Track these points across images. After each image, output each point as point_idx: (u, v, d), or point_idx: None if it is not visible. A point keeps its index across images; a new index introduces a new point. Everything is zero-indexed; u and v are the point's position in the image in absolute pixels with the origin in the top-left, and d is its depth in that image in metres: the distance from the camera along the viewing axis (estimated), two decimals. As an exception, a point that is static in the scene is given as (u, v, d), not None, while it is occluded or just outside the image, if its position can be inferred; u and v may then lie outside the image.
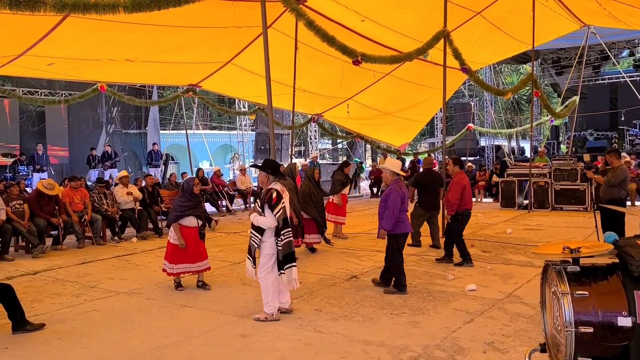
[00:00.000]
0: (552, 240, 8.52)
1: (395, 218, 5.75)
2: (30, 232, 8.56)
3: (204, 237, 6.25)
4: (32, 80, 16.13)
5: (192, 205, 6.09)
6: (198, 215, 6.15)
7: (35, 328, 4.85)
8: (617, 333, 2.77)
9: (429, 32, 9.55)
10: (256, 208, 5.06)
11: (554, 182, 12.89)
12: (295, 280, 5.00)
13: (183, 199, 6.12)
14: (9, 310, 4.81)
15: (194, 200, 6.12)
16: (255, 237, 4.94)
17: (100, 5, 5.13)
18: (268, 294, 4.98)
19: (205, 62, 11.72)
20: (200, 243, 6.18)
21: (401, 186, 5.90)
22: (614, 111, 21.72)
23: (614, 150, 8.14)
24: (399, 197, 5.75)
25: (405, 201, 5.86)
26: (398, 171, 5.96)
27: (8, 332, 4.79)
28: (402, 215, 5.85)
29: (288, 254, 4.94)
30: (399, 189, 5.82)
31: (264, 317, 4.99)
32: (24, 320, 4.85)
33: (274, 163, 5.18)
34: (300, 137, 26.79)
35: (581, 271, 2.96)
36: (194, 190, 6.11)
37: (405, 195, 5.88)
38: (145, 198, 10.50)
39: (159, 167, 17.14)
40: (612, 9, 11.14)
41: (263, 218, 4.89)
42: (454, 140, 19.97)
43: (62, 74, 11.73)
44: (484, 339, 4.36)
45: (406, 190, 6.03)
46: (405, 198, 5.85)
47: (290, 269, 4.95)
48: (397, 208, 5.73)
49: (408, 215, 6.14)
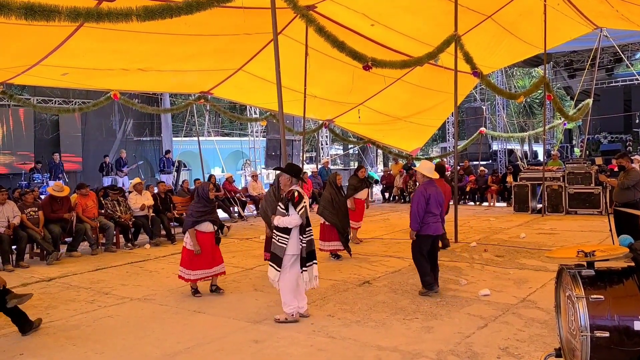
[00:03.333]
0: (567, 244, 8.43)
1: (419, 218, 5.79)
2: (45, 239, 8.65)
3: (219, 242, 6.29)
4: (46, 89, 16.33)
5: (208, 210, 6.15)
6: (213, 220, 6.19)
7: (38, 325, 5.04)
8: (634, 337, 2.73)
9: (440, 36, 9.53)
10: (279, 211, 5.12)
11: (568, 185, 12.76)
12: (316, 277, 5.11)
13: (198, 204, 6.16)
14: (10, 317, 4.90)
15: (209, 206, 6.18)
16: (283, 238, 5.01)
17: (114, 14, 5.20)
18: (286, 293, 5.06)
19: (216, 69, 11.81)
20: (216, 248, 6.22)
21: (427, 187, 5.90)
22: (628, 114, 21.46)
23: (624, 153, 8.07)
24: (423, 198, 5.80)
25: (432, 202, 5.81)
26: (428, 174, 5.96)
27: (21, 338, 4.85)
28: (428, 217, 5.83)
29: (311, 251, 5.09)
30: (425, 191, 5.85)
31: (284, 318, 5.07)
32: (29, 321, 4.95)
33: (295, 167, 5.39)
34: (312, 142, 26.85)
35: (596, 275, 2.94)
36: (209, 195, 6.16)
37: (432, 196, 5.83)
38: (157, 205, 10.57)
39: (171, 174, 17.26)
40: (625, 10, 11.03)
41: (288, 217, 4.99)
42: (466, 144, 19.87)
43: (76, 83, 11.91)
44: (499, 344, 4.32)
45: (437, 191, 5.94)
46: (432, 199, 5.81)
47: (312, 267, 5.08)
48: (421, 209, 5.78)
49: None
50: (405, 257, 7.94)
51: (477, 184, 16.40)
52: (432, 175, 5.97)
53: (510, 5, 10.59)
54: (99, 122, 18.26)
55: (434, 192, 5.90)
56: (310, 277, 5.06)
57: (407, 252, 8.30)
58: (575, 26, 12.62)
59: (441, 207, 5.97)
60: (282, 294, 5.09)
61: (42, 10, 4.68)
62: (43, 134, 16.85)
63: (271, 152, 19.77)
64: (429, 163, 6.57)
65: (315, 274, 5.10)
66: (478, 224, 11.51)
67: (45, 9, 4.70)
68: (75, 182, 14.60)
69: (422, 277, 5.88)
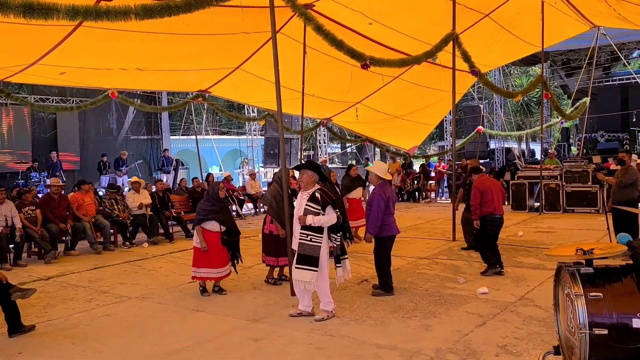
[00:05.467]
0: (564, 243, 8.45)
1: (380, 221, 5.79)
2: (43, 238, 8.64)
3: (225, 243, 6.18)
4: (43, 88, 16.27)
5: (217, 209, 6.13)
6: (221, 220, 6.15)
7: (29, 329, 4.98)
8: (632, 335, 2.75)
9: (438, 34, 9.54)
10: (310, 210, 4.98)
11: (565, 184, 12.80)
12: (348, 271, 5.32)
13: (207, 202, 6.16)
14: (6, 312, 4.90)
15: (218, 205, 6.16)
16: (318, 238, 4.99)
17: (112, 12, 5.19)
18: (326, 293, 5.16)
19: (214, 68, 11.79)
20: (222, 248, 6.16)
21: (385, 189, 5.89)
22: (625, 112, 21.51)
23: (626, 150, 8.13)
24: (382, 201, 5.78)
25: (390, 204, 5.84)
26: (382, 175, 5.90)
27: (20, 337, 4.85)
28: (387, 219, 5.84)
29: (344, 246, 5.30)
30: (383, 193, 5.82)
31: (326, 316, 5.11)
32: (20, 323, 4.94)
33: (318, 165, 5.49)
34: (310, 141, 26.83)
35: (595, 273, 2.95)
36: (219, 194, 6.15)
37: (390, 198, 5.86)
38: (156, 203, 10.56)
39: (169, 173, 17.23)
40: (622, 9, 11.05)
41: (326, 217, 5.00)
42: (463, 143, 19.88)
43: (74, 82, 11.87)
44: (497, 342, 4.33)
45: (392, 193, 6.00)
46: (390, 201, 5.83)
47: (345, 261, 5.26)
48: (380, 212, 5.77)
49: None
50: (403, 256, 7.96)
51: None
52: (385, 176, 5.94)
53: (508, 3, 10.60)
54: (97, 121, 18.21)
55: (391, 193, 5.93)
56: (345, 270, 5.23)
57: (404, 251, 8.33)
58: (573, 25, 12.65)
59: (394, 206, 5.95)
60: (322, 294, 5.13)
61: (41, 9, 4.66)
62: (41, 133, 16.80)
63: (269, 151, 19.75)
64: (383, 164, 6.48)
65: (349, 267, 5.30)
66: (476, 223, 11.51)
67: (44, 7, 4.69)
68: (73, 180, 14.58)
69: (385, 279, 5.90)
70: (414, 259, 7.76)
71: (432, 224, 11.47)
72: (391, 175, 17.92)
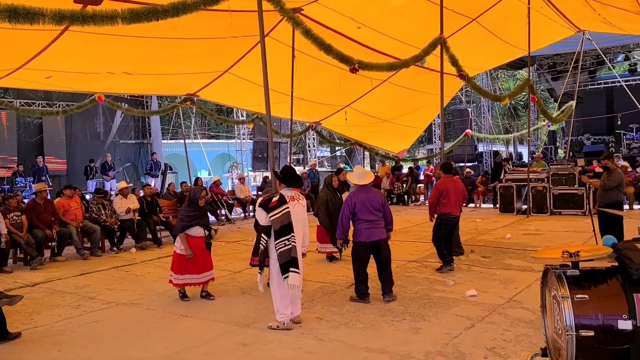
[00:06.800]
0: (552, 245, 8.52)
1: (342, 227, 5.86)
2: (29, 244, 8.54)
3: (210, 247, 6.18)
4: (29, 92, 16.14)
5: (199, 214, 6.09)
6: (204, 224, 6.13)
7: (14, 336, 4.89)
8: (618, 336, 2.77)
9: (426, 38, 9.59)
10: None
11: (552, 186, 12.91)
12: (294, 286, 4.85)
13: (189, 208, 6.10)
14: None
15: (199, 210, 6.12)
16: (263, 239, 4.94)
17: (99, 17, 5.15)
18: (276, 301, 4.96)
19: (202, 72, 11.76)
20: (206, 253, 6.14)
21: (354, 195, 5.87)
22: (611, 115, 21.80)
23: (609, 154, 8.21)
24: (347, 207, 5.83)
25: (361, 209, 5.73)
26: (355, 181, 5.95)
27: (6, 344, 4.77)
28: (360, 224, 5.80)
29: (286, 261, 4.83)
30: (350, 199, 5.86)
31: (276, 326, 4.96)
32: (6, 330, 4.87)
33: (286, 170, 5.32)
34: (299, 145, 26.82)
35: (581, 275, 2.97)
36: (199, 202, 6.10)
37: (360, 203, 5.76)
38: (144, 208, 10.49)
39: (157, 177, 17.13)
40: (607, 14, 11.21)
41: (259, 212, 4.96)
42: (452, 146, 20.00)
43: (60, 86, 11.78)
44: (485, 345, 4.35)
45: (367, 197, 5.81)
46: (359, 206, 5.75)
47: (291, 275, 4.81)
48: (344, 217, 5.85)
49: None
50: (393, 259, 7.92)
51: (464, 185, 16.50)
52: (359, 181, 5.93)
53: (495, 8, 10.71)
54: (83, 125, 18.07)
55: (363, 199, 5.80)
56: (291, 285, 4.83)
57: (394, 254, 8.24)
58: (559, 29, 12.80)
59: (376, 212, 5.78)
60: (273, 301, 4.98)
61: (27, 14, 4.62)
62: (26, 137, 16.63)
63: (258, 155, 19.73)
64: (360, 169, 6.49)
65: (293, 282, 4.82)
66: (464, 225, 11.55)
67: (30, 12, 4.64)
68: (59, 185, 14.43)
69: (357, 285, 5.87)
70: (403, 262, 7.77)
71: (421, 227, 11.50)
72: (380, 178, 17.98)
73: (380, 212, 5.83)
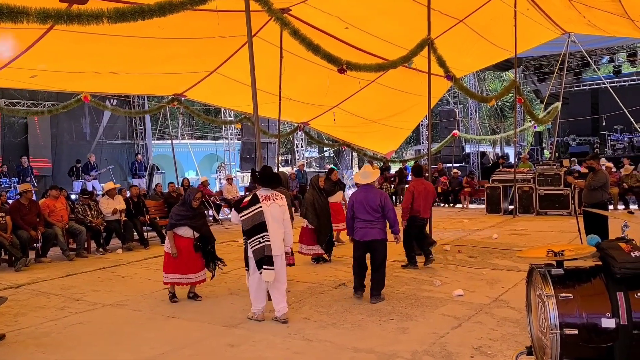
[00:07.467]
0: (537, 245, 8.60)
1: (349, 224, 6.03)
2: (13, 245, 8.43)
3: (199, 249, 6.06)
4: (14, 92, 15.93)
5: (190, 215, 6.04)
6: (194, 226, 6.07)
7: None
8: (602, 334, 2.81)
9: (413, 38, 9.63)
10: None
11: (538, 187, 13.04)
12: (268, 282, 5.06)
13: (181, 208, 6.08)
14: None
15: (192, 211, 6.07)
16: (243, 238, 5.19)
17: (84, 16, 5.08)
18: (251, 294, 5.25)
19: (190, 72, 11.69)
20: (195, 255, 6.05)
21: (355, 194, 6.00)
22: (596, 116, 22.06)
23: (594, 155, 8.31)
24: (349, 205, 6.03)
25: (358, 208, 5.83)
26: (357, 180, 6.17)
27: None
28: (356, 223, 5.90)
29: (260, 258, 5.02)
30: (350, 198, 6.04)
31: (250, 316, 5.26)
32: None
33: (263, 170, 5.41)
34: (287, 145, 26.78)
35: (565, 274, 3.01)
36: (192, 203, 6.07)
37: (357, 202, 5.86)
38: (130, 209, 10.41)
39: (143, 178, 16.99)
40: (592, 17, 11.35)
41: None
42: (439, 147, 20.12)
43: (45, 86, 11.64)
44: (472, 344, 4.38)
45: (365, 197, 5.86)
46: (356, 205, 5.85)
47: (264, 272, 4.99)
48: (347, 216, 6.06)
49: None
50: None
51: (451, 185, 16.62)
52: (360, 181, 6.02)
53: (482, 10, 10.78)
54: (69, 125, 17.87)
55: (362, 198, 5.86)
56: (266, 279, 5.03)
57: (382, 254, 8.35)
58: (545, 31, 12.93)
59: (375, 212, 5.79)
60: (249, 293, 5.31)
61: (10, 12, 4.54)
62: (11, 138, 16.41)
63: (246, 155, 19.70)
64: (367, 168, 6.54)
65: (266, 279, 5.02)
66: (451, 226, 11.66)
67: (14, 11, 4.56)
68: (45, 186, 14.26)
69: (353, 279, 6.07)
70: (390, 262, 7.77)
71: (408, 227, 11.54)
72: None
73: (378, 212, 5.81)
